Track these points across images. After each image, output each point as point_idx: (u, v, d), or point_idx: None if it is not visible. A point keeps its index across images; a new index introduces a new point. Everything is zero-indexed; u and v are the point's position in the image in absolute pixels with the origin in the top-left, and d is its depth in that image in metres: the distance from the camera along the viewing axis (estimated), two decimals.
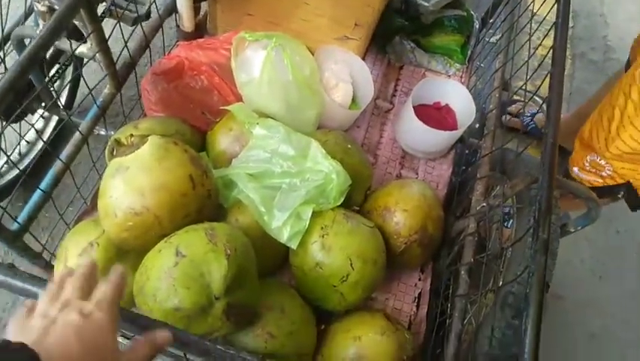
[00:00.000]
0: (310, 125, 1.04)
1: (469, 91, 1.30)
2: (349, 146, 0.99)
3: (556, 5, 0.89)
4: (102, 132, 1.09)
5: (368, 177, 0.99)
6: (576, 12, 2.01)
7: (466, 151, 1.29)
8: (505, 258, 0.85)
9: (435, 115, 1.22)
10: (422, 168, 1.20)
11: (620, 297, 1.57)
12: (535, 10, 1.14)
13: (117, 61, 0.90)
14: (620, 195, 1.19)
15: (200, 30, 1.14)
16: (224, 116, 0.98)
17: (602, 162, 1.14)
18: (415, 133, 1.14)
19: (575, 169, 1.22)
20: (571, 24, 1.98)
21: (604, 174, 1.16)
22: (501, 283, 0.79)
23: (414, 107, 1.16)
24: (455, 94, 1.18)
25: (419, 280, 1.04)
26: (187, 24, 1.06)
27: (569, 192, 0.78)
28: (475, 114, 1.14)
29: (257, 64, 0.98)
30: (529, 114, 1.80)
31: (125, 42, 0.86)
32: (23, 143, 1.32)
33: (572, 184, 0.74)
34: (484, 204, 0.84)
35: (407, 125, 1.15)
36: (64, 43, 0.79)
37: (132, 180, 0.75)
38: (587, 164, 1.18)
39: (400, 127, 1.19)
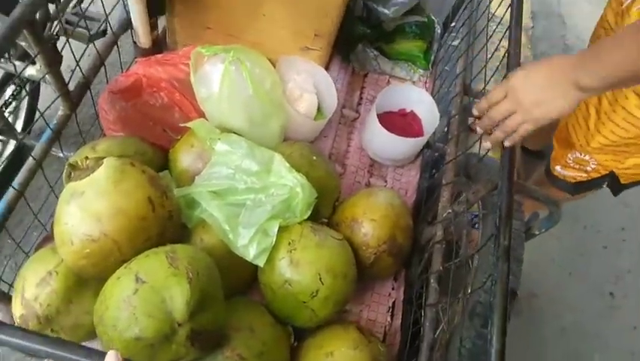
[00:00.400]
0: (275, 139, 1.03)
1: (434, 96, 1.32)
2: (315, 158, 0.98)
3: (510, 7, 0.91)
4: (60, 155, 1.05)
5: (335, 188, 0.99)
6: (535, 13, 2.06)
7: (436, 154, 1.29)
8: (473, 265, 0.85)
9: (400, 122, 1.22)
10: (390, 176, 1.20)
11: (589, 291, 1.60)
12: (493, 12, 1.15)
13: (69, 81, 0.87)
14: (604, 185, 1.23)
15: (158, 45, 1.12)
16: (186, 133, 0.96)
17: (587, 158, 1.17)
18: (381, 141, 1.14)
19: (558, 167, 1.25)
20: (530, 25, 2.03)
21: (589, 168, 1.19)
22: (469, 291, 0.79)
23: (379, 115, 1.15)
24: (419, 100, 1.19)
25: (392, 289, 1.03)
26: (143, 40, 1.04)
27: (528, 196, 0.79)
28: (440, 119, 1.14)
29: (216, 78, 0.96)
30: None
31: (77, 61, 0.83)
32: None
33: (531, 188, 0.74)
34: (450, 210, 0.84)
35: (373, 133, 1.15)
36: (9, 66, 0.76)
37: (88, 205, 0.72)
38: (571, 161, 1.21)
39: (367, 135, 1.19)
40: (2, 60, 0.84)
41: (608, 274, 1.68)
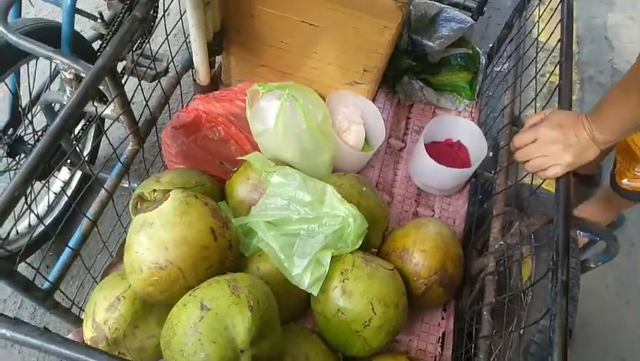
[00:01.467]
0: (325, 169, 1.07)
1: (481, 125, 1.32)
2: (364, 188, 1.00)
3: (560, 31, 0.92)
4: (125, 185, 1.13)
5: (384, 218, 1.01)
6: (580, 37, 2.03)
7: (482, 182, 1.29)
8: (526, 299, 0.84)
9: (447, 152, 1.23)
10: (438, 205, 1.21)
11: None
12: (542, 41, 1.16)
13: (140, 118, 0.94)
14: None
15: (215, 82, 1.19)
16: (242, 166, 1.01)
17: None
18: (428, 171, 1.15)
19: (625, 180, 1.26)
20: (577, 49, 2.00)
21: None
22: (523, 325, 0.78)
23: (426, 145, 1.18)
24: (466, 131, 1.20)
25: (442, 319, 1.03)
26: (203, 78, 1.11)
27: (584, 232, 0.78)
28: (488, 148, 1.15)
29: (271, 114, 1.01)
30: None
31: (146, 101, 0.91)
32: (51, 196, 1.37)
33: (588, 223, 0.74)
34: (502, 242, 0.84)
35: (420, 163, 1.16)
36: (89, 107, 0.84)
37: (156, 235, 0.78)
38: (638, 172, 1.23)
39: (414, 165, 1.21)
40: None
41: None
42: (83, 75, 0.81)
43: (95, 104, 0.87)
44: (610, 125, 0.72)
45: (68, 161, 1.22)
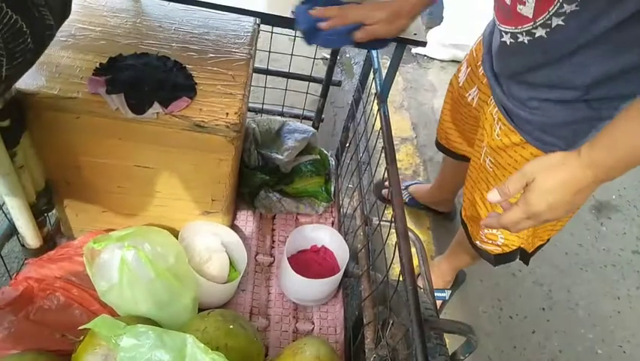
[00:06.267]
0: (188, 313, 0.99)
1: (342, 221, 1.37)
2: (231, 326, 0.94)
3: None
4: None
5: (258, 354, 0.94)
6: (415, 123, 2.30)
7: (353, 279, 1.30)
8: None
9: (314, 259, 1.24)
10: (317, 316, 1.18)
11: None
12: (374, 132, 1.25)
13: None
14: (516, 259, 1.26)
15: (51, 239, 1.08)
16: (87, 334, 0.89)
17: (495, 232, 1.22)
18: (298, 287, 1.14)
19: (477, 243, 1.29)
20: (414, 135, 2.24)
21: (499, 242, 1.23)
22: None
23: (293, 256, 1.17)
24: (327, 236, 1.23)
25: None
26: (32, 242, 0.99)
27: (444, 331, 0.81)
28: (350, 249, 1.18)
29: (115, 267, 0.93)
30: (403, 187, 1.94)
31: None
32: None
33: (443, 323, 0.76)
34: (375, 355, 0.83)
35: (289, 280, 1.14)
36: None
37: None
38: (484, 237, 1.25)
39: (284, 282, 1.18)
40: None
41: None
42: None
43: None
44: (620, 162, 0.65)
45: None
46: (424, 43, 1.01)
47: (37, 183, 0.95)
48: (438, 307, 1.32)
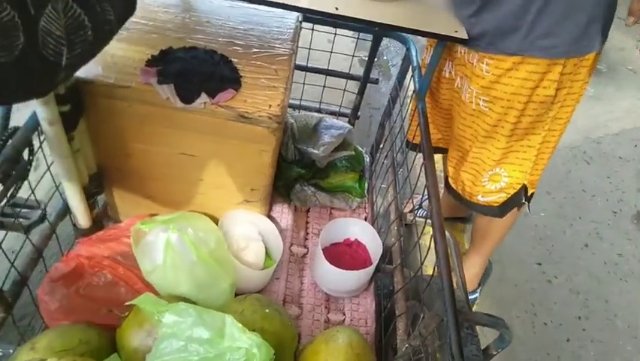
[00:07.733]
0: (226, 297, 1.03)
1: (375, 219, 1.38)
2: (267, 310, 0.97)
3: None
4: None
5: (292, 339, 0.97)
6: None
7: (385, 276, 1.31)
8: None
9: (347, 252, 1.26)
10: (348, 307, 1.20)
11: None
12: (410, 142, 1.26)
13: (5, 281, 0.85)
14: (524, 201, 1.22)
15: (99, 222, 1.14)
16: (132, 311, 0.94)
17: (498, 170, 1.18)
18: (332, 277, 1.16)
19: (479, 197, 1.25)
20: None
21: (502, 184, 1.19)
22: None
23: (326, 248, 1.19)
24: (360, 230, 1.24)
25: None
26: (83, 222, 1.05)
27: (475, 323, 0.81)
28: (383, 245, 1.19)
29: (159, 249, 0.97)
30: (418, 204, 1.91)
31: (12, 263, 0.83)
32: None
33: (476, 316, 0.77)
34: (407, 345, 0.84)
35: (322, 270, 1.17)
36: None
37: None
38: (487, 183, 1.21)
39: (317, 273, 1.21)
40: None
41: None
42: None
43: None
44: None
45: None
46: (465, 41, 1.01)
47: (90, 167, 1.01)
48: None
